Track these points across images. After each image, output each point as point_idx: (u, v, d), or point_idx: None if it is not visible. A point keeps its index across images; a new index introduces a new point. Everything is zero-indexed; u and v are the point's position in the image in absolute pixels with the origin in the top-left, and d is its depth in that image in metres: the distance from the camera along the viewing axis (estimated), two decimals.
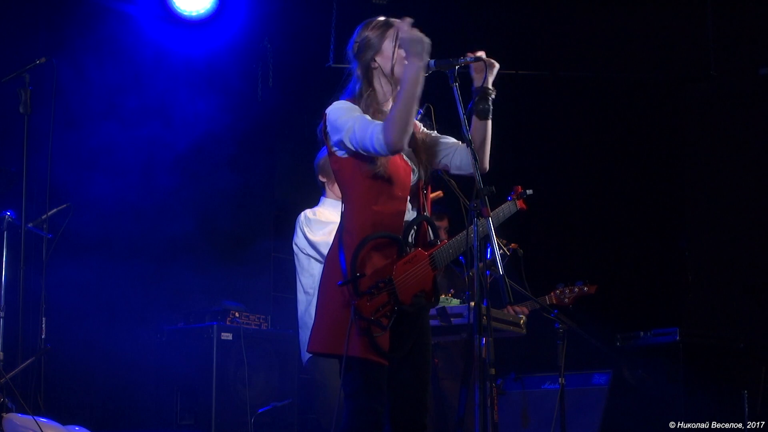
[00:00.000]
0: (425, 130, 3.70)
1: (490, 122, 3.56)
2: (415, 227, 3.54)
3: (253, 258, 7.57)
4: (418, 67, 3.37)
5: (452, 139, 3.68)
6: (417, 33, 3.41)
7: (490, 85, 3.51)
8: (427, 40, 3.41)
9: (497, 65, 3.53)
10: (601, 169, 7.90)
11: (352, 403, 3.41)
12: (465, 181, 3.71)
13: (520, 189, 4.33)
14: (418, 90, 3.38)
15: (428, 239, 3.58)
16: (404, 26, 3.45)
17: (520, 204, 4.24)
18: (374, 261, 3.43)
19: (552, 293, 6.12)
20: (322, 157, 4.89)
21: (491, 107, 3.50)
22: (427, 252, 3.53)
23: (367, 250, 3.42)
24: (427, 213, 3.61)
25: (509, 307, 5.85)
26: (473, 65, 3.52)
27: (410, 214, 3.55)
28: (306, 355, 4.93)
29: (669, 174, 8.01)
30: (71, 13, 6.75)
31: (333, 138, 3.50)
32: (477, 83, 3.52)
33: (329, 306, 3.47)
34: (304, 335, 4.95)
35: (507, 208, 4.18)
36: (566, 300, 6.12)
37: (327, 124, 3.52)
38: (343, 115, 3.47)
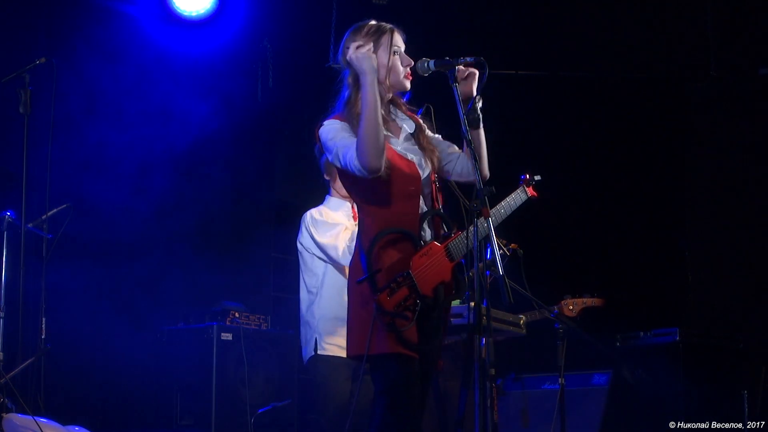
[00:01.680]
0: (430, 133, 3.72)
1: (482, 130, 3.58)
2: (427, 221, 3.56)
3: (253, 258, 7.57)
4: (369, 82, 3.42)
5: (456, 147, 3.70)
6: (360, 51, 3.47)
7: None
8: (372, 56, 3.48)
9: (477, 72, 3.55)
10: (600, 169, 7.90)
11: (385, 399, 3.44)
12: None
13: (528, 176, 4.31)
14: (378, 106, 3.40)
15: (442, 232, 3.60)
16: (350, 50, 3.51)
17: (530, 191, 4.22)
18: (390, 257, 3.47)
19: (559, 304, 6.10)
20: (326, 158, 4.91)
21: (480, 116, 3.51)
22: (442, 244, 3.55)
23: (382, 247, 3.46)
24: (440, 207, 3.62)
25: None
26: (457, 72, 3.51)
27: (422, 209, 3.57)
28: (307, 354, 4.94)
29: (669, 174, 8.00)
30: (71, 13, 6.74)
31: (327, 156, 3.58)
32: (461, 91, 3.53)
33: (356, 308, 3.52)
34: (305, 333, 4.96)
35: (517, 196, 4.15)
36: (574, 312, 6.10)
37: (320, 143, 3.58)
38: (331, 138, 3.52)
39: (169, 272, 6.90)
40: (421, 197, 3.57)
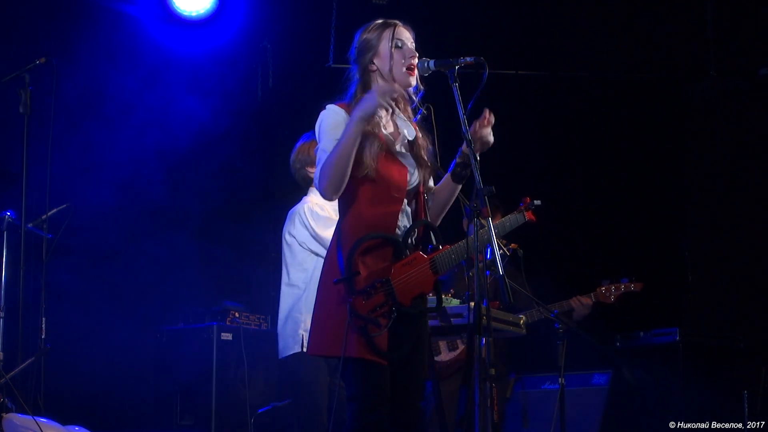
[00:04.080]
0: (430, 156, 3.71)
1: (459, 187, 3.60)
2: (415, 230, 3.54)
3: (253, 258, 7.57)
4: (358, 119, 3.39)
5: (431, 184, 3.71)
6: (384, 92, 3.43)
7: (477, 159, 3.50)
8: (386, 104, 3.44)
9: (492, 141, 3.56)
10: (600, 170, 7.89)
11: (354, 405, 3.42)
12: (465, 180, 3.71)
13: (528, 200, 4.30)
14: (353, 146, 3.38)
15: (429, 243, 3.58)
16: (380, 86, 3.50)
17: (528, 215, 4.22)
18: (371, 261, 3.44)
19: (596, 291, 6.07)
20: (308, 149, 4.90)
21: (466, 174, 3.50)
22: (429, 256, 3.53)
23: (364, 250, 3.43)
24: (427, 217, 3.61)
25: (576, 299, 5.91)
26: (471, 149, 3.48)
27: (408, 217, 3.56)
28: (289, 350, 4.90)
29: (669, 174, 8.00)
30: (71, 13, 6.75)
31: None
32: (471, 139, 3.49)
33: (327, 307, 3.48)
34: (289, 328, 4.90)
35: (514, 219, 4.14)
36: (612, 298, 6.07)
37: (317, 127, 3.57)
38: (325, 131, 3.50)
39: (169, 272, 6.90)
40: (405, 206, 3.55)
